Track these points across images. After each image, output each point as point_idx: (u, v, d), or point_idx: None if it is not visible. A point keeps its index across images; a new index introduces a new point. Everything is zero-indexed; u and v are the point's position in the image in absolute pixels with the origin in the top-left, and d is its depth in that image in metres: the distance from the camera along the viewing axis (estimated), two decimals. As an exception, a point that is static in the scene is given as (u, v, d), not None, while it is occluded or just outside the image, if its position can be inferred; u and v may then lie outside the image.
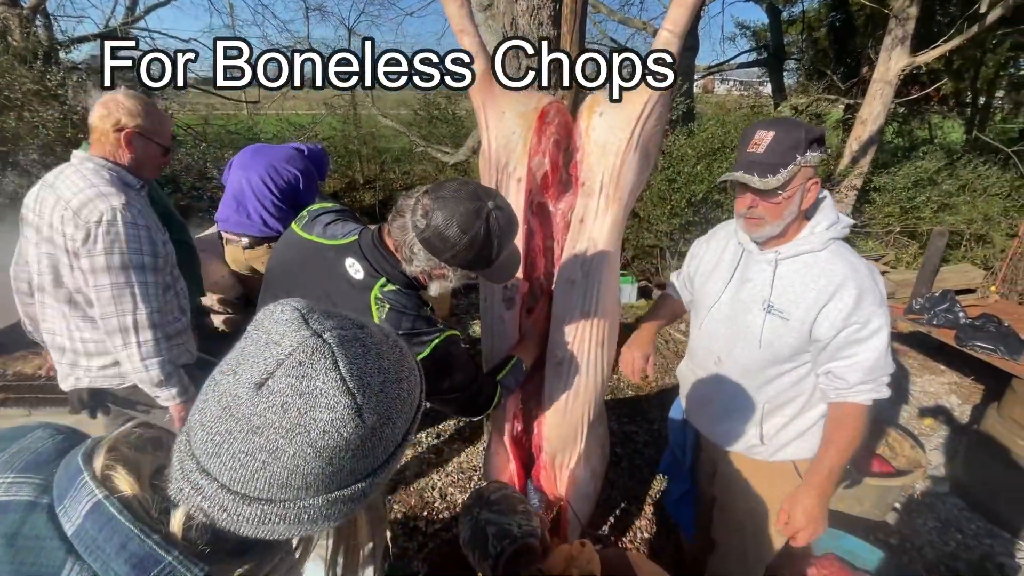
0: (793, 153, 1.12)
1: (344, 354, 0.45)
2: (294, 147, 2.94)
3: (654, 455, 2.70)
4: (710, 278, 1.43)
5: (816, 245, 1.21)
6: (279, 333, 0.45)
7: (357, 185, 9.11)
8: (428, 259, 1.00)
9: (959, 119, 10.25)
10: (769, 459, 1.36)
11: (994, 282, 4.50)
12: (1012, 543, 2.21)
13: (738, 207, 1.25)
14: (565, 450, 1.60)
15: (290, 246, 1.16)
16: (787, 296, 1.23)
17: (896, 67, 4.83)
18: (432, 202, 0.98)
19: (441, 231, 0.96)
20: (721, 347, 1.37)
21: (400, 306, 1.04)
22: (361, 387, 0.45)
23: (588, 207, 1.41)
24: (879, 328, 1.16)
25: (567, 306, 1.44)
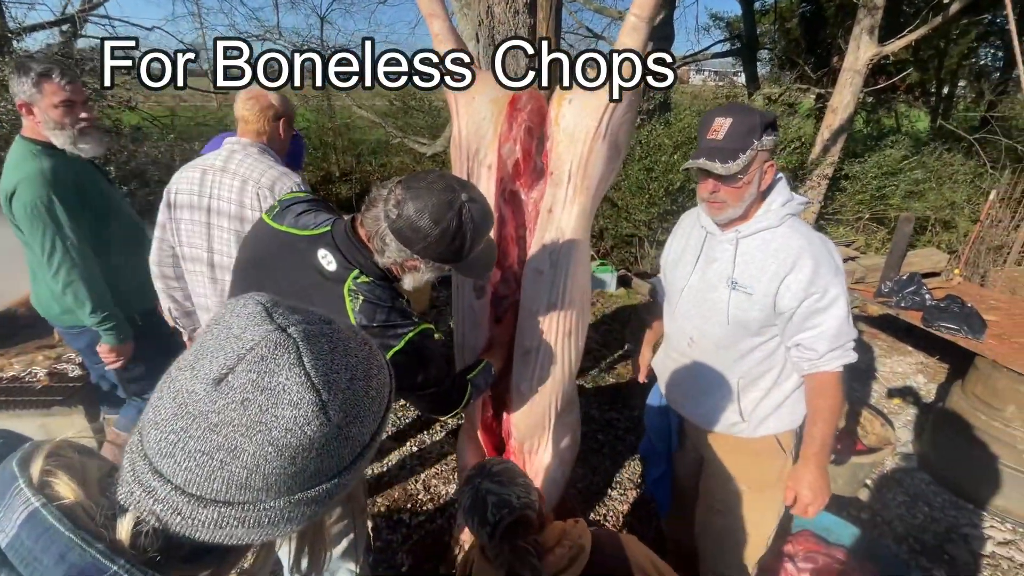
0: (750, 138, 1.16)
1: (309, 349, 0.43)
2: None
3: (635, 441, 2.73)
4: (678, 264, 1.47)
5: (773, 222, 1.26)
6: (241, 327, 0.43)
7: (333, 178, 8.95)
8: (399, 250, 0.99)
9: (924, 108, 10.54)
10: (752, 435, 1.39)
11: (957, 265, 4.67)
12: (976, 514, 2.30)
13: (701, 192, 1.29)
14: (533, 437, 1.62)
15: (260, 237, 1.13)
16: (749, 272, 1.27)
17: (865, 56, 4.93)
18: (405, 192, 0.96)
19: (413, 222, 0.95)
20: (693, 327, 1.41)
21: (374, 298, 1.02)
22: (327, 384, 0.43)
23: (556, 196, 1.41)
24: (837, 296, 1.21)
25: (535, 296, 1.44)
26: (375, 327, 1.00)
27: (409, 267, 1.05)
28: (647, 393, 3.22)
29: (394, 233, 0.97)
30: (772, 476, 1.42)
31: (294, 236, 1.07)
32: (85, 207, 1.71)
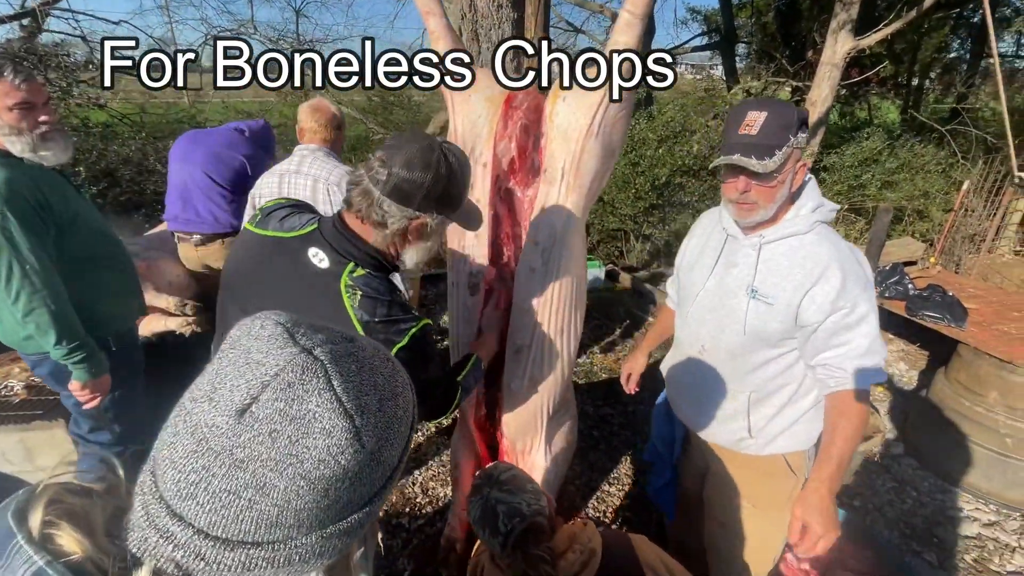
0: (786, 134, 1.10)
1: (338, 372, 0.40)
2: (235, 127, 2.69)
3: (630, 437, 2.74)
4: (695, 267, 1.40)
5: (801, 228, 1.19)
6: (262, 351, 0.40)
7: (312, 175, 8.78)
8: (401, 211, 0.96)
9: (895, 100, 10.80)
10: (759, 453, 1.33)
11: (933, 254, 4.80)
12: (961, 497, 2.36)
13: (728, 192, 1.21)
14: (525, 437, 1.60)
15: (246, 245, 1.09)
16: (771, 280, 1.20)
17: (842, 50, 5.01)
18: (385, 153, 0.95)
19: (405, 176, 0.93)
20: (707, 334, 1.34)
21: (373, 291, 0.98)
22: (359, 408, 0.40)
23: (549, 194, 1.39)
24: (867, 313, 1.13)
25: (526, 293, 1.42)
26: (377, 322, 0.97)
27: (414, 232, 1.00)
28: (641, 390, 3.23)
29: (390, 195, 0.94)
30: (780, 497, 1.34)
31: (281, 239, 1.03)
32: (48, 223, 1.53)
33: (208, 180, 2.48)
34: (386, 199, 0.94)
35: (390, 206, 0.95)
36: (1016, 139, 6.06)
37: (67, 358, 1.53)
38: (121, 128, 6.15)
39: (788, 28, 9.64)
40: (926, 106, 9.51)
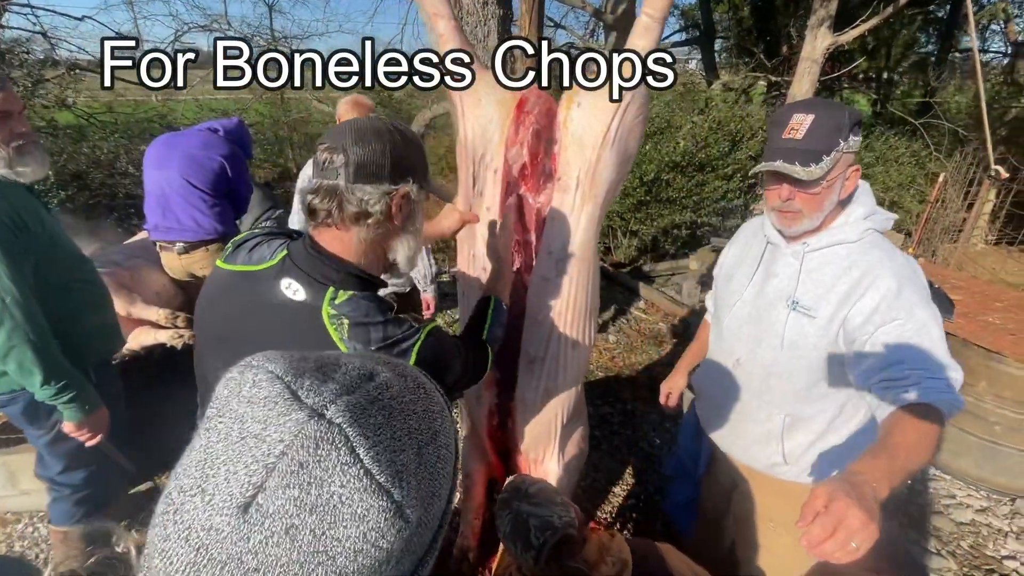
0: (836, 138, 1.01)
1: (362, 435, 0.32)
2: (208, 128, 2.59)
3: (631, 435, 2.76)
4: (733, 277, 1.34)
5: (850, 236, 1.10)
6: (260, 420, 0.32)
7: (291, 174, 8.60)
8: (377, 188, 0.85)
9: (867, 94, 11.06)
10: (795, 480, 1.23)
11: (911, 245, 4.94)
12: (954, 484, 2.44)
13: (771, 200, 1.13)
14: (538, 447, 1.59)
15: (216, 283, 0.97)
16: (814, 291, 1.12)
17: (821, 46, 5.09)
18: (328, 143, 0.85)
19: (362, 151, 0.83)
20: (743, 348, 1.26)
21: (361, 316, 0.86)
22: (395, 475, 0.33)
23: (563, 203, 1.36)
24: (927, 321, 0.99)
25: (541, 304, 1.40)
26: (376, 350, 0.86)
27: (398, 209, 0.88)
28: (637, 387, 3.23)
29: (357, 178, 0.84)
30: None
31: (250, 272, 0.92)
32: (28, 249, 1.37)
33: (187, 185, 2.38)
34: (354, 184, 0.84)
35: (362, 189, 0.84)
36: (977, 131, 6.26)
37: (56, 398, 1.38)
38: (90, 129, 5.90)
39: (764, 23, 9.76)
40: (895, 99, 9.76)
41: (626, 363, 3.47)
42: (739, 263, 1.34)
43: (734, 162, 5.02)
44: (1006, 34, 7.24)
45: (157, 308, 2.37)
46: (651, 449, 2.68)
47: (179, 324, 2.38)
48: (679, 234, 5.23)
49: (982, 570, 2.02)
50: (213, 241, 2.48)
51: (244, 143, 2.69)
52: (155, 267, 2.55)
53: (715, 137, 4.95)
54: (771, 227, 1.22)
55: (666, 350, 3.66)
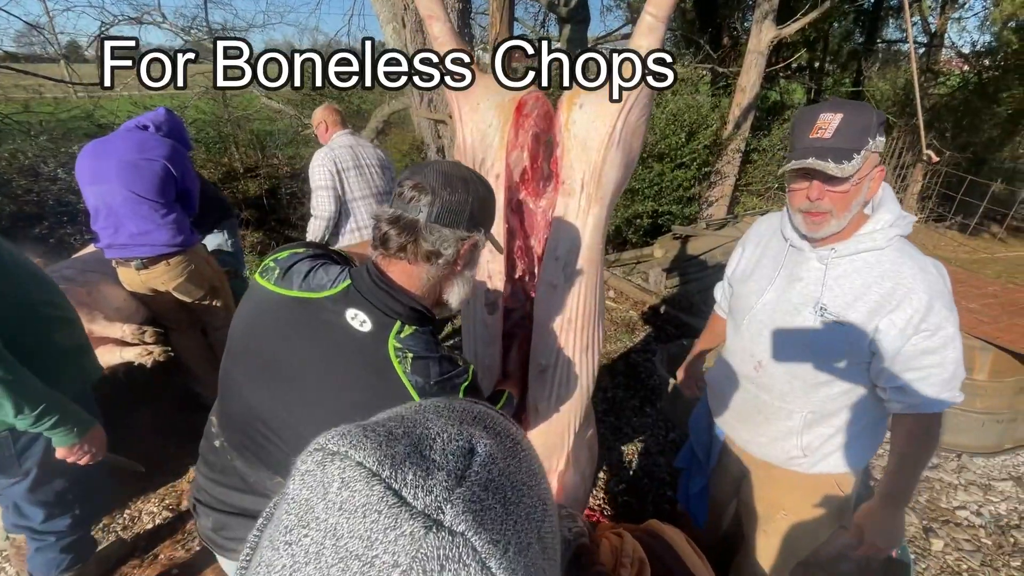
0: (864, 137, 1.02)
1: (491, 540, 0.27)
2: (137, 126, 2.33)
3: (614, 422, 2.84)
4: (751, 277, 1.33)
5: (879, 242, 1.11)
6: (361, 536, 0.25)
7: (237, 174, 8.18)
8: (454, 233, 0.89)
9: (802, 83, 11.70)
10: (808, 471, 1.28)
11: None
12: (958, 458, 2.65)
13: (796, 201, 1.13)
14: (552, 456, 1.57)
15: (265, 310, 0.93)
16: (843, 298, 1.12)
17: (766, 38, 5.34)
18: (415, 180, 0.88)
19: (449, 196, 0.87)
20: (763, 351, 1.26)
21: (423, 351, 0.89)
22: (526, 573, 0.28)
23: (568, 207, 1.36)
24: (952, 336, 1.06)
25: (549, 311, 1.39)
26: (433, 384, 0.88)
27: (464, 256, 0.93)
28: (616, 375, 3.32)
29: (439, 220, 0.87)
30: (825, 512, 1.31)
31: (309, 301, 0.89)
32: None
33: (132, 197, 2.18)
34: (435, 224, 0.87)
35: (440, 231, 0.88)
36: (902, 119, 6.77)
37: (38, 426, 1.26)
38: (7, 131, 5.38)
39: (706, 15, 10.10)
40: (827, 88, 10.38)
41: (602, 353, 3.56)
42: (757, 264, 1.34)
43: (691, 152, 5.20)
44: (925, 27, 7.85)
45: (121, 324, 2.22)
46: (634, 434, 2.77)
47: (147, 340, 2.24)
48: (641, 223, 5.38)
49: (939, 521, 2.24)
50: (174, 255, 2.33)
51: (180, 135, 2.45)
52: (113, 281, 2.37)
53: (672, 128, 5.12)
54: (791, 229, 1.23)
55: (639, 337, 3.77)
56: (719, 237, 4.66)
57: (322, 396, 0.87)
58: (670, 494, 2.35)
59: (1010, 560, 2.06)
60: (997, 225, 6.53)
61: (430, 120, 4.04)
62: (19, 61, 7.77)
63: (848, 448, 1.25)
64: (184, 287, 2.39)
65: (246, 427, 0.94)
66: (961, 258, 4.90)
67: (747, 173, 6.31)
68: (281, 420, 0.89)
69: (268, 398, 0.90)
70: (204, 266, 2.46)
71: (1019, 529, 2.20)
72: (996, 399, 2.52)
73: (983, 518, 2.24)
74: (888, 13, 9.39)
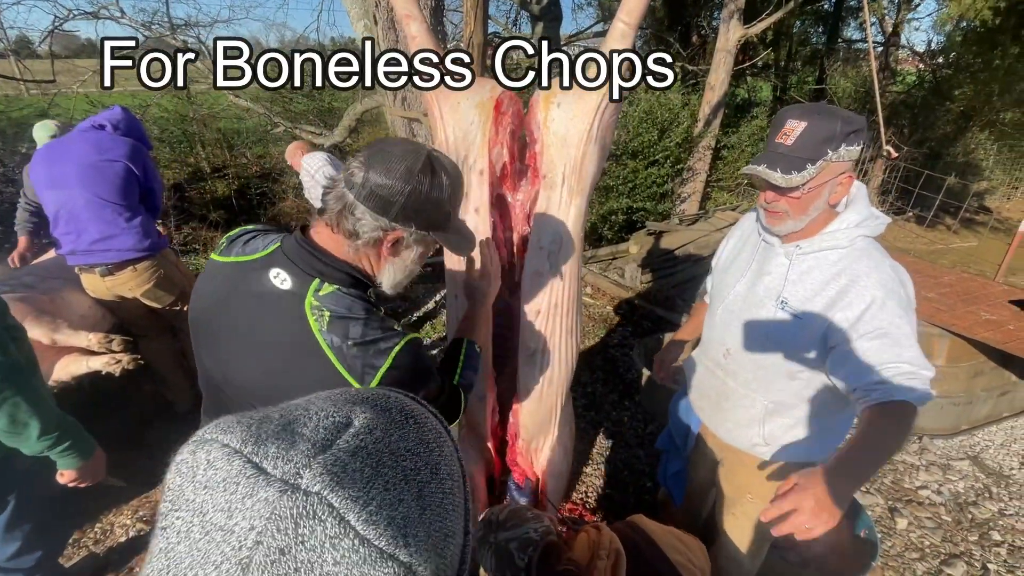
0: (824, 148, 1.03)
1: (349, 496, 0.28)
2: (91, 126, 2.23)
3: (595, 417, 2.88)
4: (728, 269, 1.39)
5: (841, 241, 1.13)
6: (222, 507, 0.27)
7: (204, 174, 7.94)
8: (375, 219, 0.85)
9: (768, 81, 12.04)
10: (769, 458, 1.33)
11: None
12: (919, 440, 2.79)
13: (760, 199, 1.18)
14: (540, 436, 1.66)
15: (210, 278, 0.97)
16: (803, 293, 1.15)
17: (734, 37, 5.47)
18: (365, 155, 0.85)
19: (381, 181, 0.83)
20: (732, 340, 1.31)
21: (344, 309, 0.86)
22: (398, 533, 0.29)
23: (551, 199, 1.41)
24: (907, 334, 1.05)
25: (536, 298, 1.45)
26: (352, 346, 0.85)
27: (389, 247, 0.90)
28: (595, 370, 3.36)
29: (365, 201, 0.84)
30: None
31: (243, 264, 0.92)
32: None
33: (95, 200, 2.10)
34: (360, 205, 0.84)
35: (363, 213, 0.85)
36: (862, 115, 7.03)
37: (54, 448, 1.23)
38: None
39: (675, 14, 10.28)
40: (791, 86, 10.70)
41: (581, 348, 3.60)
42: (736, 256, 1.39)
43: (663, 149, 5.29)
44: (882, 26, 8.17)
45: (87, 333, 2.14)
46: (614, 428, 2.82)
47: (115, 348, 2.16)
48: (616, 220, 5.46)
49: (903, 500, 2.35)
50: (141, 259, 2.25)
51: (139, 134, 2.36)
52: (76, 288, 2.28)
53: (645, 127, 5.20)
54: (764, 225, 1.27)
55: (616, 332, 3.83)
56: (692, 232, 4.75)
57: (252, 353, 0.88)
58: (649, 484, 2.40)
59: (968, 535, 2.17)
60: (951, 217, 6.86)
61: (404, 118, 4.00)
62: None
63: (809, 442, 1.28)
64: (153, 293, 2.31)
65: (215, 398, 0.96)
66: (919, 249, 5.13)
67: (718, 169, 6.46)
68: (229, 380, 0.91)
69: (219, 361, 0.92)
70: (174, 270, 2.38)
71: (976, 506, 2.32)
72: (953, 383, 2.65)
73: (943, 496, 2.36)
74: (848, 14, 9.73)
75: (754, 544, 1.52)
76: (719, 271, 1.46)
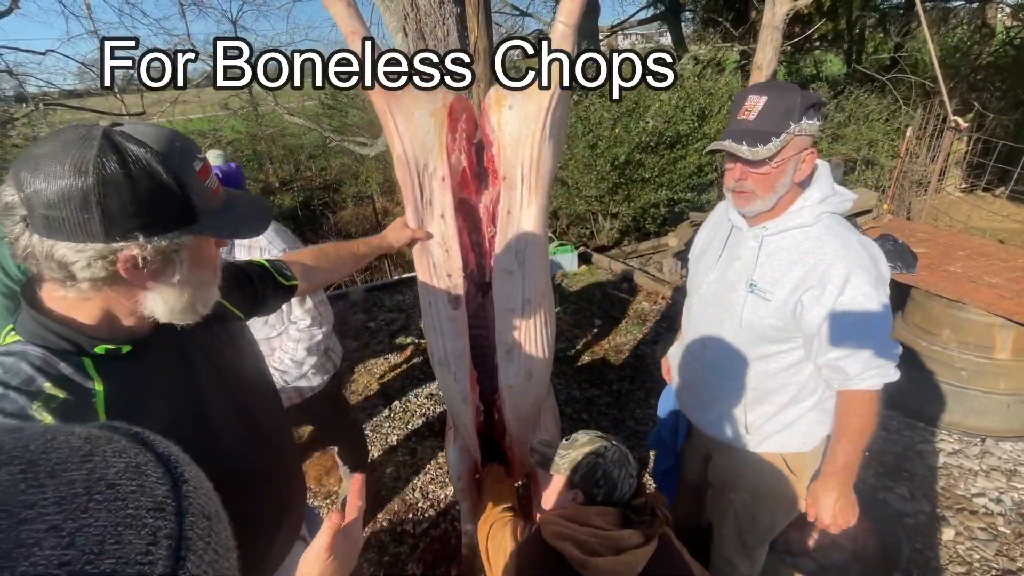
0: (787, 120, 1.04)
1: None
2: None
3: (617, 415, 2.84)
4: (702, 258, 1.37)
5: (807, 220, 1.12)
6: None
7: (273, 188, 8.63)
8: (78, 249, 0.62)
9: (839, 53, 11.08)
10: (755, 449, 1.31)
11: (886, 200, 5.00)
12: (927, 431, 2.53)
13: (727, 180, 1.18)
14: (527, 428, 1.67)
15: None
16: (771, 275, 1.15)
17: (781, 12, 5.11)
18: (14, 166, 0.61)
19: (45, 191, 0.59)
20: (707, 328, 1.30)
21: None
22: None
23: (513, 199, 1.43)
24: (876, 311, 1.06)
25: (509, 295, 1.47)
26: None
27: (132, 274, 0.65)
28: (622, 367, 3.31)
29: (39, 227, 0.61)
30: (781, 492, 1.33)
31: None
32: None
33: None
34: (45, 239, 0.61)
35: (54, 247, 0.61)
36: (952, 81, 6.29)
37: None
38: None
39: (730, -9, 9.74)
40: (866, 56, 9.78)
41: (611, 345, 3.55)
42: (708, 245, 1.37)
43: (704, 136, 5.06)
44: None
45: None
46: (637, 426, 2.76)
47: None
48: (658, 212, 5.29)
49: (953, 509, 2.12)
50: None
51: (236, 184, 2.65)
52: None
53: (682, 115, 5.00)
54: (734, 211, 1.25)
55: (650, 328, 3.73)
56: (735, 222, 4.52)
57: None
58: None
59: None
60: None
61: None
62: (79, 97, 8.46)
63: (794, 428, 1.27)
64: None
65: None
66: (1009, 228, 4.53)
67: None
68: None
69: None
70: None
71: (1047, 517, 2.05)
72: (1021, 379, 2.35)
73: (1003, 505, 2.10)
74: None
75: (748, 538, 1.47)
76: (693, 262, 1.44)
